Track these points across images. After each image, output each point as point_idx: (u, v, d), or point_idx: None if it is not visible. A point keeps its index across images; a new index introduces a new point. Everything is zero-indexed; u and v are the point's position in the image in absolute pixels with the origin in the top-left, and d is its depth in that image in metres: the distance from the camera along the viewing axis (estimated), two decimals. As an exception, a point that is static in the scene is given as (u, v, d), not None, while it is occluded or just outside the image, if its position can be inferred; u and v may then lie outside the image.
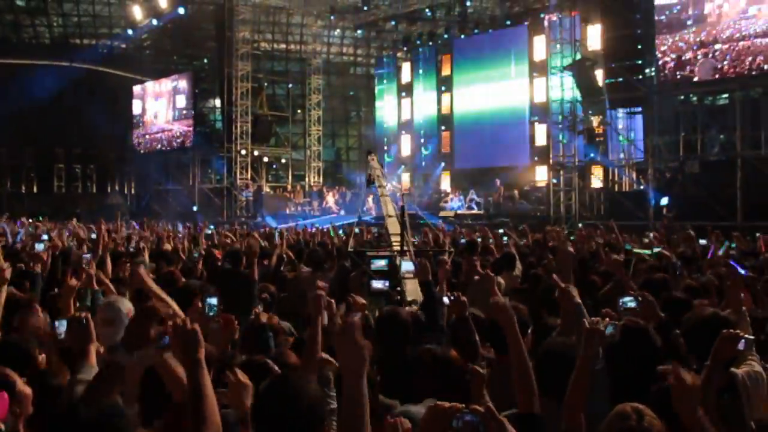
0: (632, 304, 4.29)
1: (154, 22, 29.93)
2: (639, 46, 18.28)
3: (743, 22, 16.68)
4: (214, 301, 4.57)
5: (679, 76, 17.81)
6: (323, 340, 3.68)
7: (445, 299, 4.84)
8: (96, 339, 3.41)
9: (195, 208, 28.41)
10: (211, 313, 4.51)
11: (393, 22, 30.17)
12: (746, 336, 3.03)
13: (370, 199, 25.55)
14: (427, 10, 28.45)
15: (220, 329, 4.33)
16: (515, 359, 3.13)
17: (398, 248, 7.07)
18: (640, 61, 18.57)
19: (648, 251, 8.81)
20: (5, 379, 3.05)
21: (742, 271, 5.75)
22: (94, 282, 5.40)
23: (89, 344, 3.37)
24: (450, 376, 3.48)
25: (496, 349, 4.11)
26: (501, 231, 11.51)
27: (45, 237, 11.47)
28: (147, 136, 32.55)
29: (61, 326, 4.55)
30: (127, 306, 4.35)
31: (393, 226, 8.12)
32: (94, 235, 10.23)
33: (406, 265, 6.10)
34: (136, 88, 33.43)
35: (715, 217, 14.95)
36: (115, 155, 34.91)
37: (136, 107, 33.24)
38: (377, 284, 6.32)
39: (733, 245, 9.96)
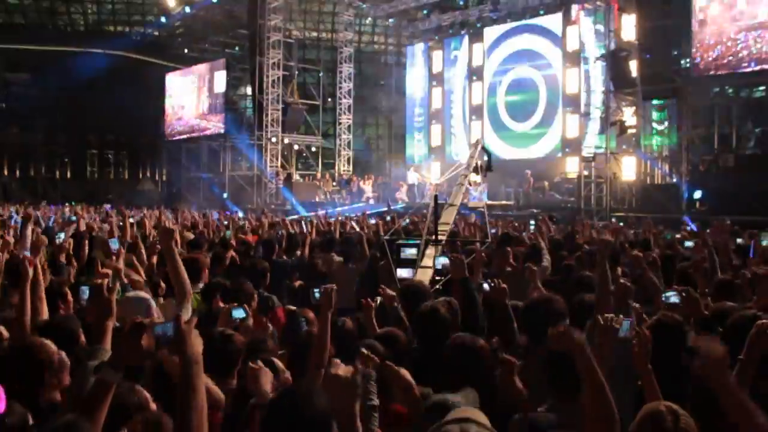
0: (675, 300, 4.22)
1: (187, 9, 30.14)
2: (674, 37, 18.01)
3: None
4: (240, 314, 4.40)
5: (714, 69, 17.51)
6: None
7: (486, 286, 4.80)
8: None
9: (225, 196, 28.62)
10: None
11: (425, 12, 30.04)
12: None
13: (402, 189, 25.58)
14: (459, -2, 28.30)
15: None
16: (590, 401, 2.63)
17: (431, 237, 7.01)
18: (675, 52, 18.31)
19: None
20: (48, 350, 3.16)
21: None
22: (122, 274, 5.42)
23: (108, 319, 3.36)
24: (479, 364, 3.47)
25: (531, 337, 4.08)
26: (532, 223, 11.42)
27: (73, 218, 11.63)
28: (179, 123, 32.80)
29: (84, 294, 4.60)
30: (146, 301, 4.39)
31: (448, 215, 8.02)
32: (131, 220, 10.36)
33: (441, 260, 6.04)
34: (169, 75, 33.69)
35: (749, 211, 14.70)
36: (147, 142, 35.28)
37: (169, 94, 33.49)
38: (402, 272, 6.31)
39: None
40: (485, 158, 9.14)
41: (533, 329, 3.94)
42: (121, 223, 9.38)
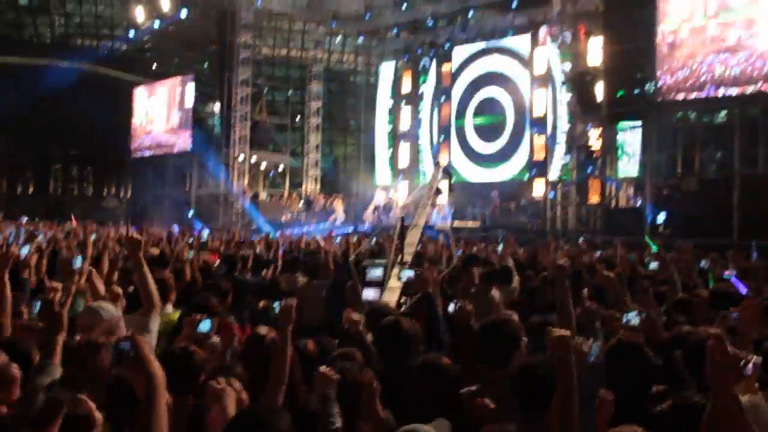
0: (635, 321, 4.22)
1: (156, 24, 29.95)
2: (640, 61, 18.29)
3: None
4: (206, 326, 4.31)
5: (678, 93, 17.79)
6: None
7: (451, 307, 4.79)
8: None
9: (191, 214, 28.33)
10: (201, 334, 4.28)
11: (395, 31, 30.22)
12: (754, 358, 2.89)
13: (369, 211, 25.54)
14: (429, 19, 28.51)
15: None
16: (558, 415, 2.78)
17: (396, 258, 7.01)
18: (640, 76, 18.59)
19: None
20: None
21: (744, 290, 5.71)
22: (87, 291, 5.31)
23: (58, 334, 3.28)
24: (442, 384, 3.43)
25: (489, 362, 4.05)
26: (499, 246, 11.45)
27: (39, 236, 11.44)
28: (146, 139, 32.48)
29: (35, 308, 4.48)
30: (110, 312, 4.27)
31: (413, 236, 8.02)
32: (94, 236, 10.21)
33: (406, 274, 6.05)
34: (137, 90, 33.39)
35: (712, 234, 14.93)
36: (113, 158, 34.87)
37: (137, 109, 33.18)
38: (368, 294, 6.27)
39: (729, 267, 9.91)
40: (447, 180, 9.20)
41: (488, 351, 3.89)
42: (94, 236, 9.26)
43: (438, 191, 8.74)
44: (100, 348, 2.81)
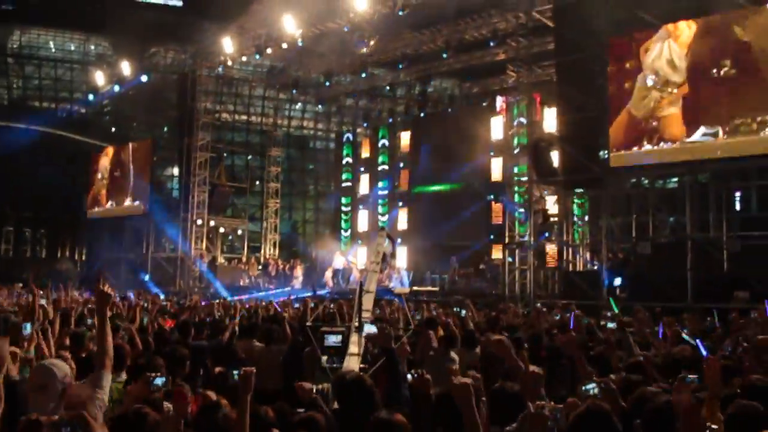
0: (594, 392, 4.24)
1: (116, 88, 29.97)
2: (593, 130, 18.75)
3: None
4: (159, 382, 4.30)
5: (629, 161, 18.24)
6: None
7: (409, 377, 4.75)
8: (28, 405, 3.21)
9: (146, 277, 27.89)
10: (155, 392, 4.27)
11: (354, 98, 30.69)
12: (711, 426, 2.96)
13: (328, 275, 25.37)
14: (387, 87, 29.05)
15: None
16: None
17: (356, 324, 6.96)
18: (593, 144, 19.02)
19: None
20: None
21: (704, 352, 5.79)
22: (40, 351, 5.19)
23: None
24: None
25: (444, 426, 4.01)
26: (457, 309, 11.45)
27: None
28: (102, 202, 32.06)
29: None
30: (63, 370, 4.16)
31: (368, 302, 8.02)
32: (43, 301, 9.94)
33: (369, 328, 6.02)
34: (95, 153, 33.12)
35: (667, 298, 15.13)
36: (68, 219, 34.33)
37: (94, 172, 32.84)
38: (328, 362, 6.18)
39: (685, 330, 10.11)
40: (391, 244, 9.24)
41: (445, 418, 3.86)
42: (43, 301, 9.00)
43: (384, 256, 8.78)
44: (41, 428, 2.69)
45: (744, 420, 3.73)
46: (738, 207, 21.35)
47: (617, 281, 17.38)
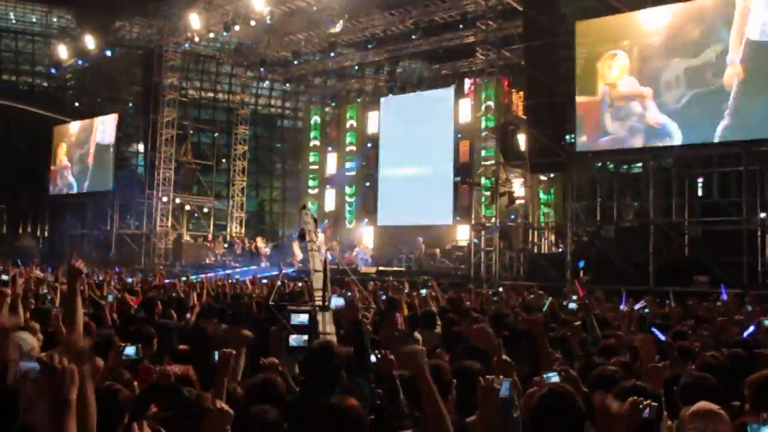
0: (556, 379, 4.31)
1: (80, 62, 29.43)
2: (560, 114, 18.90)
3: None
4: (131, 351, 4.36)
5: (596, 145, 18.45)
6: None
7: (373, 358, 4.79)
8: None
9: (110, 254, 27.61)
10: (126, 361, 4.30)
11: (322, 77, 30.52)
12: (652, 403, 3.10)
13: (297, 251, 25.31)
14: (356, 67, 28.94)
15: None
16: (429, 410, 3.18)
17: (320, 303, 6.98)
18: (560, 128, 19.19)
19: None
20: None
21: (662, 337, 5.94)
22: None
23: None
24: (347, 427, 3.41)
25: (417, 407, 4.06)
26: (423, 291, 11.52)
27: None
28: (65, 178, 31.59)
29: None
30: (30, 343, 4.14)
31: (318, 282, 8.04)
32: (5, 277, 9.83)
33: (336, 300, 6.06)
34: (57, 128, 32.55)
35: (629, 280, 15.40)
36: (30, 196, 33.75)
37: (56, 147, 32.30)
38: (295, 341, 6.21)
39: (646, 309, 10.35)
40: (313, 222, 9.22)
41: (417, 398, 3.89)
42: (5, 277, 8.92)
43: (304, 233, 8.81)
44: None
45: (696, 390, 3.86)
46: (700, 193, 21.73)
47: (580, 264, 17.60)
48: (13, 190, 33.47)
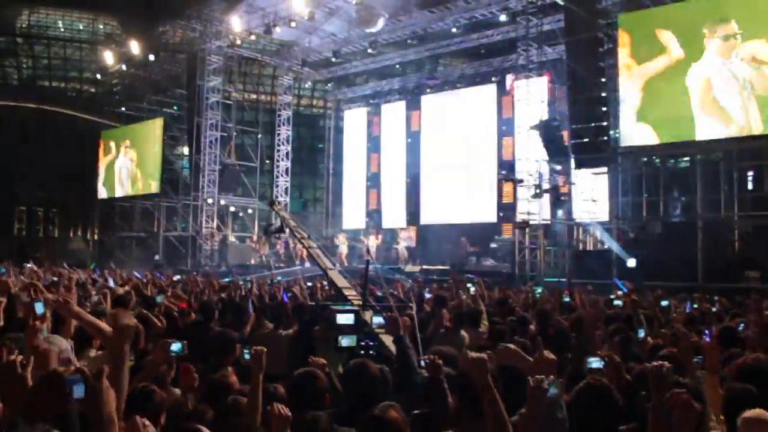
0: (598, 365, 4.27)
1: (125, 67, 29.95)
2: (604, 109, 18.66)
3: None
4: (176, 348, 4.46)
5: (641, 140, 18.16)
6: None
7: (422, 363, 4.78)
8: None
9: (157, 256, 28.05)
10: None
11: (363, 77, 30.58)
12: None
13: (343, 249, 25.43)
14: (397, 66, 28.92)
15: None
16: (490, 416, 3.20)
17: (360, 302, 6.99)
18: (605, 123, 18.94)
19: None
20: None
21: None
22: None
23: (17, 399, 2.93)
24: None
25: (467, 408, 4.03)
26: (469, 286, 11.47)
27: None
28: (112, 182, 32.18)
29: None
30: (60, 346, 4.21)
31: (338, 280, 8.02)
32: (55, 279, 10.05)
33: (377, 320, 6.04)
34: (104, 133, 33.19)
35: (677, 278, 15.12)
36: (80, 199, 34.49)
37: (104, 151, 32.93)
38: (345, 341, 6.18)
39: (695, 305, 10.16)
40: (278, 221, 9.18)
41: (464, 397, 3.87)
42: (55, 278, 9.09)
43: (278, 229, 8.79)
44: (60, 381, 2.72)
45: (738, 403, 3.75)
46: (750, 186, 21.23)
47: (631, 263, 17.33)
48: (64, 194, 34.25)
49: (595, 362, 4.31)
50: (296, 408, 3.57)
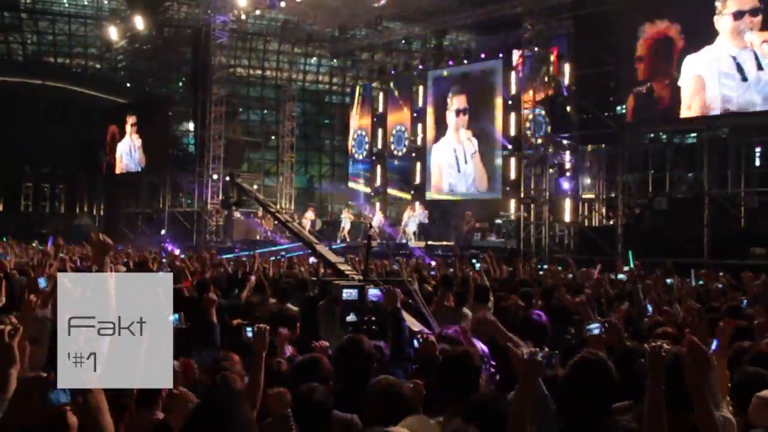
0: (597, 331, 4.29)
1: (130, 43, 29.85)
2: (610, 84, 18.54)
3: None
4: (175, 319, 4.36)
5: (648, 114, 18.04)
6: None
7: (415, 342, 4.81)
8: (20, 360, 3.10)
9: (163, 232, 28.13)
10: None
11: (369, 52, 30.42)
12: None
13: (345, 225, 25.47)
14: (402, 41, 28.76)
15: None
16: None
17: (358, 277, 6.99)
18: (611, 98, 18.84)
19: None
20: None
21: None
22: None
23: (10, 367, 3.00)
24: (400, 407, 3.43)
25: (446, 391, 3.88)
26: (474, 261, 11.51)
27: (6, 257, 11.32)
28: (119, 157, 32.19)
29: None
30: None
31: (329, 255, 8.01)
32: (62, 255, 10.10)
33: (373, 293, 6.03)
34: (110, 109, 33.16)
35: (683, 254, 15.08)
36: (86, 176, 34.53)
37: (109, 127, 32.91)
38: (351, 316, 6.18)
39: (701, 282, 10.17)
40: (236, 192, 9.14)
41: (449, 383, 3.85)
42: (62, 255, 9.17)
43: (235, 202, 8.78)
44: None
45: (749, 388, 3.74)
46: (758, 163, 21.12)
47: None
48: (70, 170, 34.30)
49: (595, 328, 4.33)
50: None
